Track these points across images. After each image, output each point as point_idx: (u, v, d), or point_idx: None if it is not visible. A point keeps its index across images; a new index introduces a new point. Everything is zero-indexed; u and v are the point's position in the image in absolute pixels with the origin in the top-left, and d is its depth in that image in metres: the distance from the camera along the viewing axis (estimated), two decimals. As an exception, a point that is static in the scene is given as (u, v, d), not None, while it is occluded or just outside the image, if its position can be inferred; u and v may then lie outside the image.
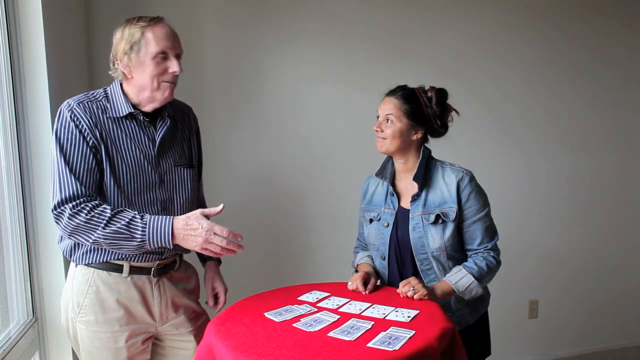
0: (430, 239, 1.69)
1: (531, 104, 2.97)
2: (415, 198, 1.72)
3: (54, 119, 1.75)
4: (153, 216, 1.46)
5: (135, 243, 1.44)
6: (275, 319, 1.44)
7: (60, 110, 1.50)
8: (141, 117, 1.57)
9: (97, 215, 1.43)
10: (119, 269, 1.57)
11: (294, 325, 1.40)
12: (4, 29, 1.65)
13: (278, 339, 1.31)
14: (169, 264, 1.66)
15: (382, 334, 1.33)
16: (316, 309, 1.51)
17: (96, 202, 1.46)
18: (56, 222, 1.46)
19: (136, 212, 1.47)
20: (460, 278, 1.65)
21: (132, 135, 1.56)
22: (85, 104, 1.52)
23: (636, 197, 3.26)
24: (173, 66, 1.53)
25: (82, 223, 1.43)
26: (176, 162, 1.66)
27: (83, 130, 1.48)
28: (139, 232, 1.43)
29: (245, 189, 2.54)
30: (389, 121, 1.70)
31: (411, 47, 2.72)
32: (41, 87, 1.73)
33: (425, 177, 1.71)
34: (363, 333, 1.34)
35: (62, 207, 1.44)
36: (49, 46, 1.74)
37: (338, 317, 1.45)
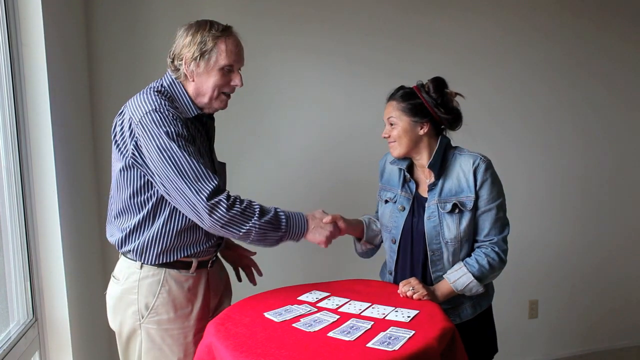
0: (445, 229, 1.67)
1: (529, 104, 2.97)
2: (432, 187, 1.71)
3: (54, 119, 1.75)
4: (287, 210, 1.55)
5: (280, 233, 1.52)
6: (275, 319, 1.44)
7: (158, 112, 1.45)
8: (205, 119, 1.62)
9: (248, 206, 1.48)
10: (186, 266, 1.59)
11: (293, 325, 1.40)
12: (4, 29, 1.64)
13: (278, 339, 1.31)
14: (216, 257, 1.72)
15: (382, 334, 1.33)
16: (316, 309, 1.52)
17: (235, 194, 1.49)
18: (210, 213, 1.42)
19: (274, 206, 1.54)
20: (459, 277, 1.63)
21: (200, 134, 1.61)
22: (170, 104, 1.50)
23: (637, 198, 3.26)
24: (236, 80, 1.58)
25: (238, 214, 1.45)
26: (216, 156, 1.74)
27: (185, 129, 1.49)
28: (284, 223, 1.52)
29: (244, 190, 2.54)
30: (392, 124, 1.70)
31: (411, 50, 2.71)
32: (41, 87, 1.72)
33: (442, 166, 1.70)
34: (363, 333, 1.34)
35: (217, 198, 1.43)
36: (49, 46, 1.74)
37: (338, 317, 1.45)
